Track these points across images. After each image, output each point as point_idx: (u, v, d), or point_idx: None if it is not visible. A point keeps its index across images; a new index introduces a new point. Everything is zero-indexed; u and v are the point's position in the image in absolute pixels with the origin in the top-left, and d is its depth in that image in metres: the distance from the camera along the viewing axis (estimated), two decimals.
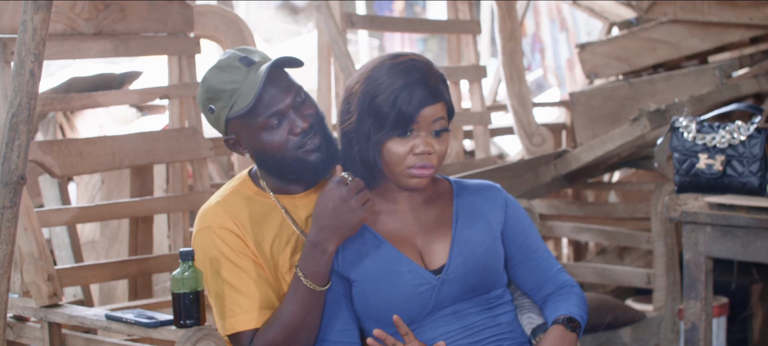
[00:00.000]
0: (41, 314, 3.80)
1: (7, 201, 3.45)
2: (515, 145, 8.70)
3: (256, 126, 3.20)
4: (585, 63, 6.50)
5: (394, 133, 3.07)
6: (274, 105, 3.18)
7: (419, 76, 3.08)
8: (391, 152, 3.08)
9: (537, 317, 3.28)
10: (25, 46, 3.38)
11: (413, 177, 3.10)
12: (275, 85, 3.19)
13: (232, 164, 6.37)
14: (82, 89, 6.44)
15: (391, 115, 3.05)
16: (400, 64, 3.11)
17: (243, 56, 3.21)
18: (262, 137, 3.21)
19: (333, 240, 3.09)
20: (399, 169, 3.10)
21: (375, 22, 6.26)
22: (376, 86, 3.08)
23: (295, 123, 3.20)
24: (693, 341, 4.13)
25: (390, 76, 3.08)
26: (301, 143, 3.21)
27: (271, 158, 3.24)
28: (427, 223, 3.22)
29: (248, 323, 3.16)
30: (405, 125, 3.06)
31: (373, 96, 3.08)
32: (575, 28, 11.67)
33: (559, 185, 5.86)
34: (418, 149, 3.07)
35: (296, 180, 3.29)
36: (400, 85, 3.06)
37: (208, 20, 5.52)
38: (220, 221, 3.23)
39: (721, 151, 4.01)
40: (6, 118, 3.43)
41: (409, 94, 3.05)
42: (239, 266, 3.20)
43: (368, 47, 16.12)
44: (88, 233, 5.54)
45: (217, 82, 3.20)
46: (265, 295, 3.19)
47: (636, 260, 6.38)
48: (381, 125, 3.07)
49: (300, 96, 3.24)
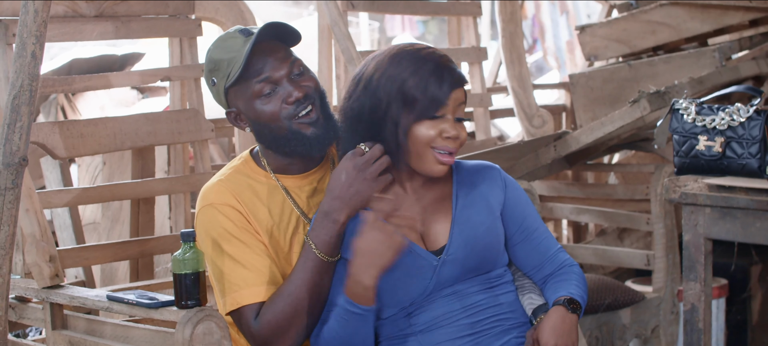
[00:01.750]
0: (43, 295, 3.82)
1: (8, 182, 3.46)
2: (515, 126, 8.70)
3: (250, 94, 3.22)
4: (585, 45, 6.50)
5: (426, 115, 3.09)
6: (266, 71, 3.21)
7: (445, 62, 3.12)
8: (421, 135, 3.10)
9: (538, 298, 3.29)
10: (27, 28, 3.39)
11: (439, 163, 3.12)
12: (270, 54, 3.22)
13: (233, 146, 6.38)
14: (84, 71, 6.45)
15: (424, 98, 3.08)
16: (422, 51, 3.15)
17: (243, 29, 3.24)
18: (256, 106, 3.23)
19: (344, 211, 3.11)
20: (426, 154, 3.12)
21: (376, 4, 6.26)
22: (403, 71, 3.10)
23: (290, 93, 3.22)
24: (692, 323, 4.14)
25: (416, 62, 3.11)
26: (295, 113, 3.22)
27: (266, 128, 3.25)
28: (428, 204, 3.23)
29: (253, 297, 3.17)
30: (436, 107, 3.08)
31: (402, 80, 3.09)
32: (575, 10, 11.68)
33: (559, 167, 5.87)
34: (447, 133, 3.10)
35: (292, 153, 3.29)
36: (430, 69, 3.09)
37: (209, 3, 5.51)
38: (223, 199, 3.24)
39: (720, 133, 4.02)
40: (8, 100, 3.44)
41: (440, 78, 3.08)
42: (243, 241, 3.21)
43: (368, 29, 16.11)
44: (89, 214, 5.55)
45: (216, 53, 3.24)
46: (270, 270, 3.20)
47: (636, 242, 6.39)
48: (411, 108, 3.09)
49: (297, 68, 3.26)
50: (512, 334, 3.20)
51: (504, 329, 3.20)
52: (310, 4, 18.11)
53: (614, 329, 5.35)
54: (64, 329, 3.83)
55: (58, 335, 3.81)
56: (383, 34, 17.15)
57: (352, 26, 15.22)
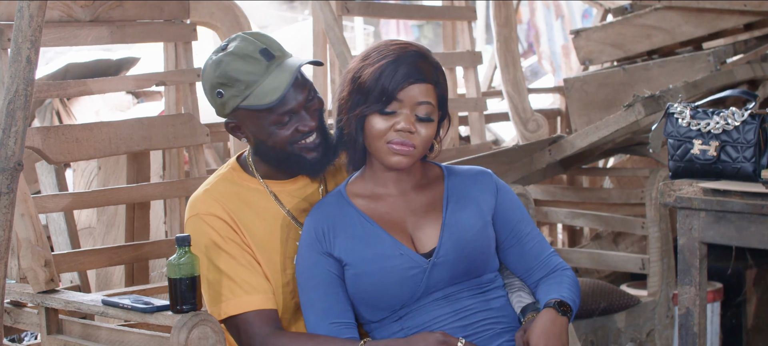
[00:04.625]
0: (38, 299, 3.81)
1: (3, 187, 3.46)
2: (510, 131, 8.70)
3: (268, 121, 3.21)
4: (580, 49, 6.51)
5: (376, 107, 3.09)
6: (290, 103, 3.19)
7: (408, 56, 3.11)
8: (372, 127, 3.11)
9: (527, 296, 3.29)
10: (22, 33, 3.38)
11: (393, 154, 3.11)
12: (293, 85, 3.20)
13: (228, 150, 6.38)
14: (79, 76, 6.45)
15: (375, 89, 3.08)
16: (395, 45, 3.15)
17: (263, 48, 3.20)
18: (271, 129, 3.22)
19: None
20: (378, 145, 3.12)
21: (371, 9, 6.26)
22: (365, 63, 3.13)
23: (304, 121, 3.22)
24: (687, 326, 4.15)
25: (380, 54, 3.12)
26: (301, 139, 3.23)
27: (271, 150, 3.26)
28: (418, 207, 3.24)
29: (239, 307, 3.19)
30: (387, 100, 3.08)
31: (361, 70, 3.12)
32: (570, 14, 11.69)
33: (554, 171, 5.88)
34: (398, 126, 3.09)
35: (290, 172, 3.32)
36: (388, 62, 3.09)
37: (204, 7, 5.52)
38: (208, 209, 3.25)
39: (715, 137, 4.02)
40: (3, 105, 3.44)
41: (394, 70, 3.08)
42: (228, 252, 3.23)
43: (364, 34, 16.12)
44: (84, 219, 5.55)
45: (233, 70, 3.18)
46: (255, 279, 3.22)
47: (631, 246, 6.40)
48: (364, 99, 3.10)
49: (310, 93, 3.25)
50: (504, 338, 3.19)
51: (495, 333, 3.20)
52: (305, 8, 18.12)
53: (609, 333, 5.37)
54: (60, 334, 3.83)
55: (54, 339, 3.81)
56: (378, 38, 17.19)
57: (347, 31, 15.23)
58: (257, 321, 3.20)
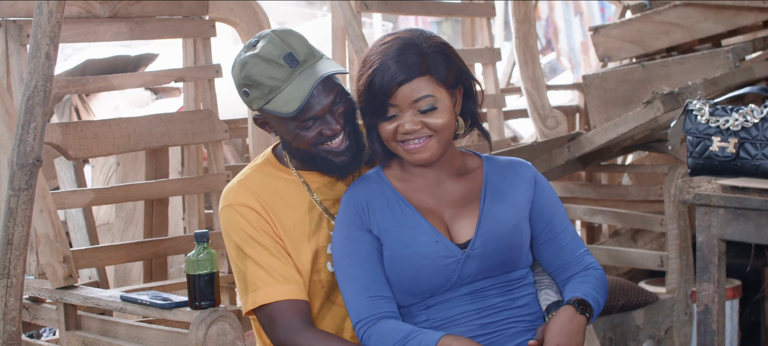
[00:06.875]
0: (57, 295, 3.83)
1: (23, 183, 3.47)
2: (529, 127, 8.70)
3: (291, 125, 3.20)
4: (598, 46, 6.49)
5: (377, 117, 3.10)
6: (314, 109, 3.18)
7: (391, 56, 3.08)
8: (382, 132, 3.13)
9: (554, 295, 3.28)
10: (41, 29, 3.40)
11: (409, 153, 3.12)
12: (319, 89, 3.18)
13: (247, 146, 6.38)
14: (98, 72, 6.47)
15: (370, 99, 3.09)
16: (383, 44, 3.13)
17: (288, 53, 3.17)
18: (294, 133, 3.21)
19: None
20: (393, 146, 3.14)
21: (389, 5, 6.25)
22: (362, 71, 3.13)
23: (329, 125, 3.21)
24: (706, 324, 4.13)
25: (371, 59, 3.11)
26: (326, 142, 3.22)
27: (296, 151, 3.28)
28: (456, 197, 3.23)
29: (270, 297, 3.18)
30: (383, 109, 3.08)
31: (359, 79, 3.12)
32: (589, 11, 11.67)
33: (572, 168, 5.87)
34: (401, 130, 3.09)
35: (318, 170, 3.31)
36: (374, 70, 3.07)
37: (223, 3, 5.52)
38: (241, 199, 3.25)
39: (734, 134, 4.00)
40: (22, 101, 3.45)
41: (381, 77, 3.06)
42: (260, 242, 3.22)
43: (382, 30, 16.11)
44: (103, 215, 5.56)
45: (256, 73, 3.16)
46: (287, 270, 3.21)
47: (649, 243, 6.38)
48: (368, 107, 3.11)
49: (338, 96, 3.23)
50: (524, 337, 3.19)
51: (519, 331, 3.19)
52: (324, 4, 18.12)
53: (628, 330, 5.35)
54: (78, 330, 3.85)
55: (72, 335, 3.82)
56: None
57: (366, 27, 15.23)
58: (289, 312, 3.19)
